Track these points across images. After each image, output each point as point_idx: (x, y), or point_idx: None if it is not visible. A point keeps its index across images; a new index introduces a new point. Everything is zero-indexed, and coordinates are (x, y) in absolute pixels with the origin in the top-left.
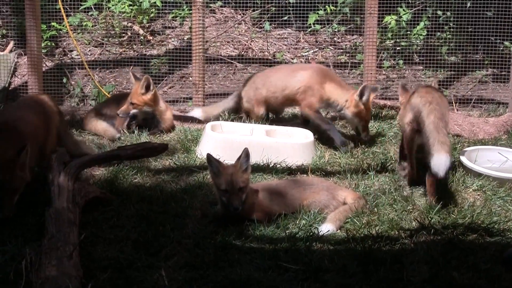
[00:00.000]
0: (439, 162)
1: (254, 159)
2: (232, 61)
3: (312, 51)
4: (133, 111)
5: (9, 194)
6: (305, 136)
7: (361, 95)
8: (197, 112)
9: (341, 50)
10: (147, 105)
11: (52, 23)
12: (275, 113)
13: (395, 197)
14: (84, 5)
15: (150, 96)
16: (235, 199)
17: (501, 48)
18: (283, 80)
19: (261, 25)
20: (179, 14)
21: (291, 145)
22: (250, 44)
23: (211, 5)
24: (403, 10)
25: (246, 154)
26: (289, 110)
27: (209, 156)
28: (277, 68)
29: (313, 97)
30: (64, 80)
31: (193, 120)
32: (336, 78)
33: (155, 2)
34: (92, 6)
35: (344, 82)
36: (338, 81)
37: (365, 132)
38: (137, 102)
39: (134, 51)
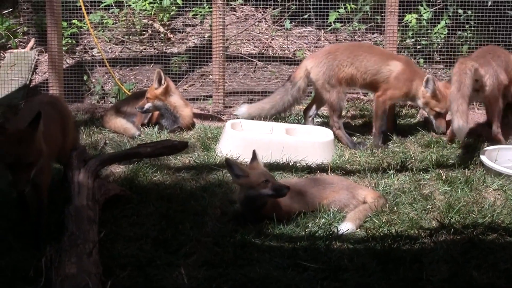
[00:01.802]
0: None
1: (274, 157)
2: (252, 59)
3: None
4: (147, 105)
5: (25, 169)
6: (325, 134)
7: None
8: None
9: None
10: (158, 99)
11: (73, 21)
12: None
13: (415, 196)
14: (104, 2)
15: (161, 89)
16: (279, 182)
17: None
18: (377, 64)
19: (281, 23)
20: (199, 12)
21: (311, 144)
22: (271, 42)
23: (231, 3)
24: (424, 8)
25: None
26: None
27: (228, 161)
28: (366, 49)
29: (397, 90)
30: (85, 78)
31: (213, 118)
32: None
33: (175, 0)
34: (113, 4)
35: None
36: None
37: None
38: (150, 96)
39: (154, 49)
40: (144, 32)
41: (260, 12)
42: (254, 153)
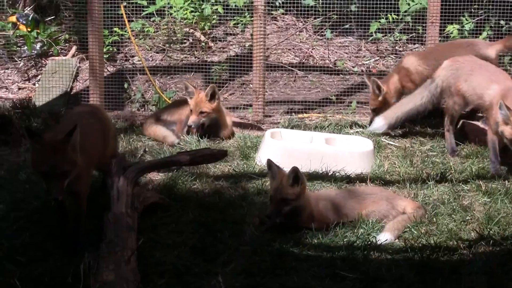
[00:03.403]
0: None
1: (313, 167)
2: (292, 69)
3: (373, 59)
4: (204, 119)
5: (60, 177)
6: (365, 144)
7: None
8: (379, 123)
9: None
10: (215, 112)
11: (114, 29)
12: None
13: (454, 207)
14: (146, 10)
15: (217, 103)
16: (271, 208)
17: None
18: (481, 87)
19: (322, 33)
20: (240, 21)
21: (350, 154)
22: (311, 52)
23: (272, 12)
24: (466, 19)
25: (293, 172)
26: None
27: (269, 162)
28: (479, 67)
29: (491, 117)
30: (125, 86)
31: (252, 127)
32: (510, 102)
33: (217, 9)
34: (154, 12)
35: None
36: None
37: None
38: (207, 110)
39: (195, 57)
40: (185, 41)
41: (301, 22)
42: (292, 169)
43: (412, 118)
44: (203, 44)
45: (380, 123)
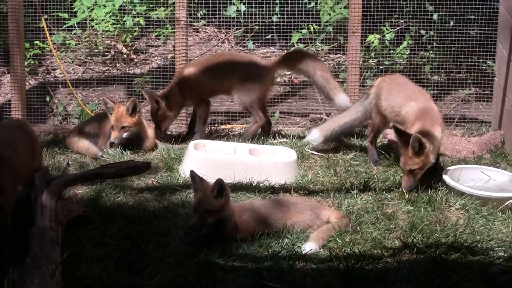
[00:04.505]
0: None
1: (237, 178)
2: None
3: None
4: (126, 134)
5: None
6: (288, 155)
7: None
8: (314, 135)
9: None
10: (136, 125)
11: (36, 42)
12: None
13: (378, 216)
14: (67, 23)
15: (138, 116)
16: (194, 219)
17: (484, 67)
18: (399, 105)
19: (244, 44)
20: (162, 32)
21: (274, 164)
22: None
23: (194, 24)
24: (386, 29)
25: (217, 183)
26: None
27: (192, 173)
28: (398, 85)
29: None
30: (47, 99)
31: (176, 138)
32: (423, 121)
33: (138, 21)
34: (75, 25)
35: (434, 131)
36: (422, 127)
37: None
38: (128, 124)
39: (117, 69)
40: (107, 53)
41: (223, 33)
42: (217, 182)
43: (347, 131)
44: (125, 56)
45: (316, 135)
